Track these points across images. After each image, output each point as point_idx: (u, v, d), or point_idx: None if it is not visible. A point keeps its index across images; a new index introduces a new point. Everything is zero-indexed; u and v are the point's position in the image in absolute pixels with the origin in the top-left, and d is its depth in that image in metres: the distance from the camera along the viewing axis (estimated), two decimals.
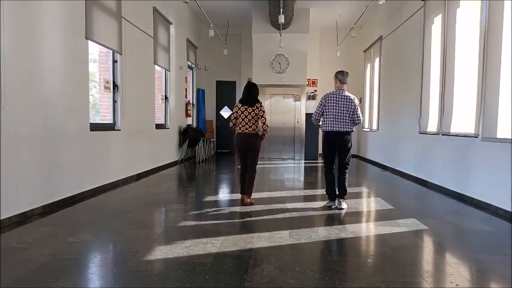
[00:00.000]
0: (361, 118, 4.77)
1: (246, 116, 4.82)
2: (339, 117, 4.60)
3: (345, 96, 4.65)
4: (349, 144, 4.71)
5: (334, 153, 4.72)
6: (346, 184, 4.68)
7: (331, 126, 4.62)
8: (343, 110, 4.60)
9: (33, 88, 4.07)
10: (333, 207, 4.67)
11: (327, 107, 4.64)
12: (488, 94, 4.72)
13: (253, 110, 4.80)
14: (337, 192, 4.72)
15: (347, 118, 4.62)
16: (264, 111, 4.86)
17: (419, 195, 5.89)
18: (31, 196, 4.07)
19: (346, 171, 4.71)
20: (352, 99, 4.66)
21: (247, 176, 4.89)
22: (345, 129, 4.62)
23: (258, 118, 4.83)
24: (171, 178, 7.24)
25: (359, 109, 4.72)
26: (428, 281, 2.57)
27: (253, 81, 10.15)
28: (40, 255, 2.91)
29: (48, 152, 4.34)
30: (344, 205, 4.62)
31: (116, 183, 5.96)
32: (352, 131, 4.76)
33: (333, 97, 4.65)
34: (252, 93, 4.87)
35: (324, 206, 4.76)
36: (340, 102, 4.61)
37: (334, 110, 4.60)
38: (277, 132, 10.43)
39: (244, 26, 10.95)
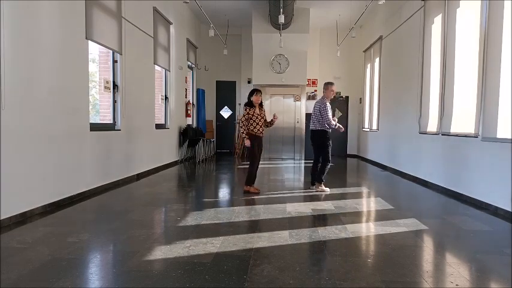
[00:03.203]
0: None
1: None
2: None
3: None
4: None
5: None
6: None
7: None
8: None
9: (33, 88, 4.07)
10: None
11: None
12: (488, 94, 4.72)
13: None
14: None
15: None
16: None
17: (419, 195, 5.90)
18: (31, 196, 4.07)
19: None
20: None
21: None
22: None
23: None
24: (171, 178, 7.24)
25: None
26: (428, 281, 2.58)
27: (253, 81, 10.20)
28: (40, 255, 2.91)
29: (48, 152, 4.34)
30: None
31: (116, 183, 5.97)
32: None
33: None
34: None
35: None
36: None
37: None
38: (277, 132, 10.44)
39: (244, 26, 10.96)
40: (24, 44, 3.91)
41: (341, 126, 5.78)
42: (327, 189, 5.72)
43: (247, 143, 5.43)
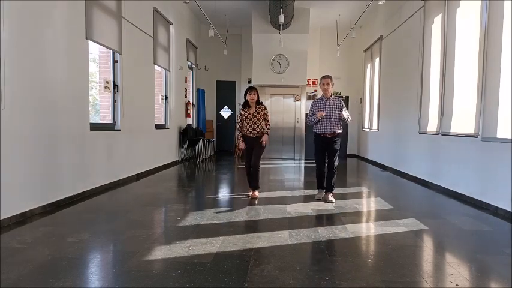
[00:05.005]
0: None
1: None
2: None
3: None
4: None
5: None
6: None
7: None
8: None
9: (33, 88, 4.07)
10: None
11: None
12: (488, 94, 4.72)
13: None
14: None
15: None
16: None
17: (419, 195, 5.90)
18: (31, 196, 4.07)
19: None
20: None
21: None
22: None
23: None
24: (171, 178, 7.24)
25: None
26: (428, 281, 2.58)
27: (253, 81, 10.19)
28: (40, 255, 2.91)
29: (48, 152, 4.34)
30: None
31: (116, 183, 5.97)
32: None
33: None
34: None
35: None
36: None
37: None
38: (277, 132, 10.44)
39: (244, 26, 10.95)
40: (24, 44, 3.91)
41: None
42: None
43: (242, 145, 5.33)
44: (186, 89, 10.21)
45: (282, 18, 7.06)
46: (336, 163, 5.12)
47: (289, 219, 4.12)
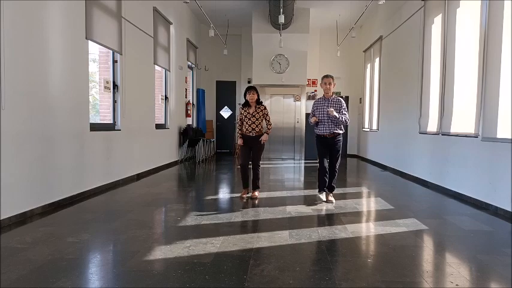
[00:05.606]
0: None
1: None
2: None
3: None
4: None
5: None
6: None
7: None
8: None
9: (33, 88, 4.07)
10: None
11: None
12: (488, 94, 4.72)
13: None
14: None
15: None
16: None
17: (419, 195, 5.89)
18: (31, 196, 4.07)
19: None
20: None
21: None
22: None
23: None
24: (171, 178, 7.24)
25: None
26: (428, 281, 2.57)
27: (253, 81, 10.19)
28: (40, 255, 2.91)
29: (49, 152, 4.34)
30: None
31: (116, 183, 5.97)
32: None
33: None
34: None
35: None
36: None
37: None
38: (277, 132, 10.44)
39: (244, 26, 10.96)
40: (24, 44, 3.91)
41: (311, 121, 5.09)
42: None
43: (240, 141, 5.30)
44: (186, 89, 10.22)
45: (282, 18, 7.07)
46: (338, 164, 5.10)
47: (289, 219, 4.12)
